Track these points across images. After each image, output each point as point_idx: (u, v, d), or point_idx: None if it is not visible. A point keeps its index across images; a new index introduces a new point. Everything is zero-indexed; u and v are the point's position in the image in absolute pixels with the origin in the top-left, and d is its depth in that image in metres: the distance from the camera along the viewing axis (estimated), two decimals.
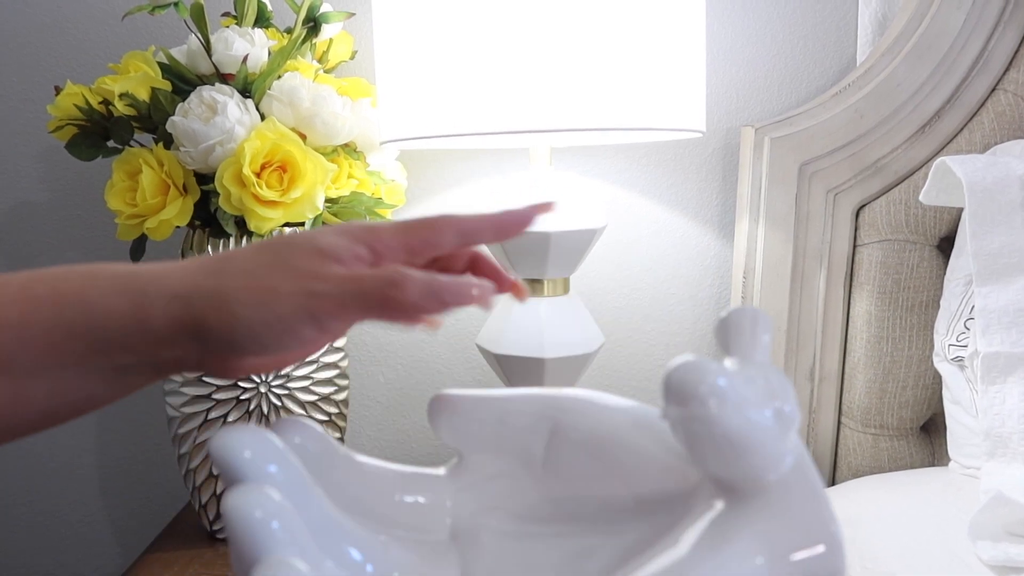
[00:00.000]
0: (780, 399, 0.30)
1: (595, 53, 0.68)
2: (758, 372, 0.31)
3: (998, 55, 0.90)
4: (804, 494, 0.30)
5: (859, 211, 0.95)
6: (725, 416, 0.30)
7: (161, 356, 0.34)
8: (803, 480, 0.31)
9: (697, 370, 0.31)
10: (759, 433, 0.30)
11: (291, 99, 0.78)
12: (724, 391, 0.30)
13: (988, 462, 0.77)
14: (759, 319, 0.33)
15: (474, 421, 0.37)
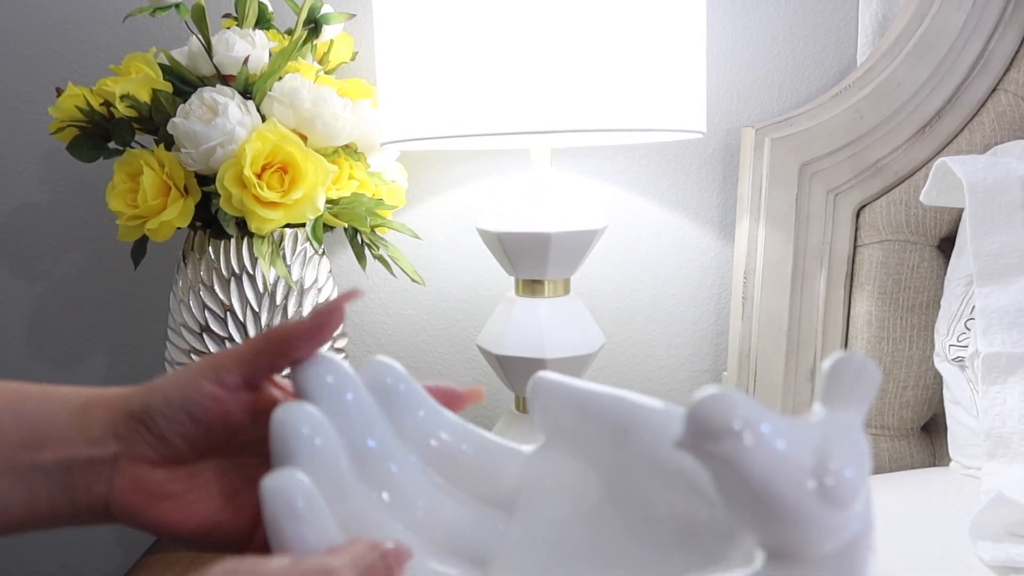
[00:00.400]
0: (833, 459, 0.26)
1: (595, 54, 0.68)
2: (828, 425, 0.27)
3: (998, 55, 0.90)
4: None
5: (859, 211, 0.95)
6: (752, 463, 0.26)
7: (77, 458, 0.33)
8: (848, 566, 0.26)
9: (730, 402, 0.26)
10: (791, 493, 0.25)
11: (292, 100, 0.78)
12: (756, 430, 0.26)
13: (989, 462, 0.77)
14: (868, 373, 0.28)
15: (562, 408, 0.37)
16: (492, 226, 0.81)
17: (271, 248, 0.80)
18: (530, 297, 0.84)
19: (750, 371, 0.99)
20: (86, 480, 0.33)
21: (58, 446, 0.33)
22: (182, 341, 0.82)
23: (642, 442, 0.34)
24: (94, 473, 0.33)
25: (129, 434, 0.33)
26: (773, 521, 0.26)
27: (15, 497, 0.33)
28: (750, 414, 0.26)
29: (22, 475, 0.33)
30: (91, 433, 0.34)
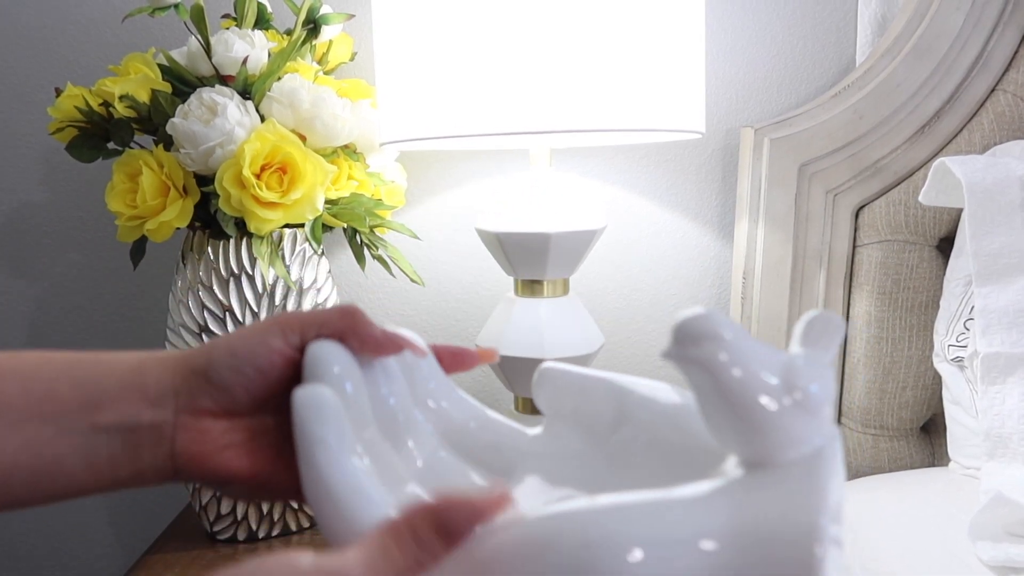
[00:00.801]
0: (802, 377, 0.28)
1: (594, 54, 0.68)
2: (797, 353, 0.30)
3: (998, 56, 0.90)
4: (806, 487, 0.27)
5: (859, 212, 0.95)
6: (727, 366, 0.28)
7: (139, 419, 0.35)
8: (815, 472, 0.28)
9: (710, 316, 0.29)
10: (761, 397, 0.28)
11: (291, 101, 0.78)
12: (732, 341, 0.29)
13: (988, 462, 0.77)
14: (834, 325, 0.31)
15: (564, 392, 0.40)
16: (491, 226, 0.81)
17: (270, 248, 0.80)
18: (529, 297, 0.84)
19: None
20: (150, 439, 0.35)
21: (117, 407, 0.35)
22: (181, 342, 0.82)
23: (640, 421, 0.37)
24: (156, 432, 0.35)
25: (190, 389, 0.35)
26: (744, 424, 0.28)
27: (76, 458, 0.34)
28: (727, 325, 0.29)
29: (82, 436, 0.34)
30: (148, 393, 0.35)
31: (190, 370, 0.36)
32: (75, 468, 0.35)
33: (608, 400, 0.38)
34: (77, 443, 0.34)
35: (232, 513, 0.84)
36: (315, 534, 0.89)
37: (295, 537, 0.87)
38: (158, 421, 0.35)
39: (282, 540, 0.87)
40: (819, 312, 0.32)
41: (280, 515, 0.86)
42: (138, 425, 0.35)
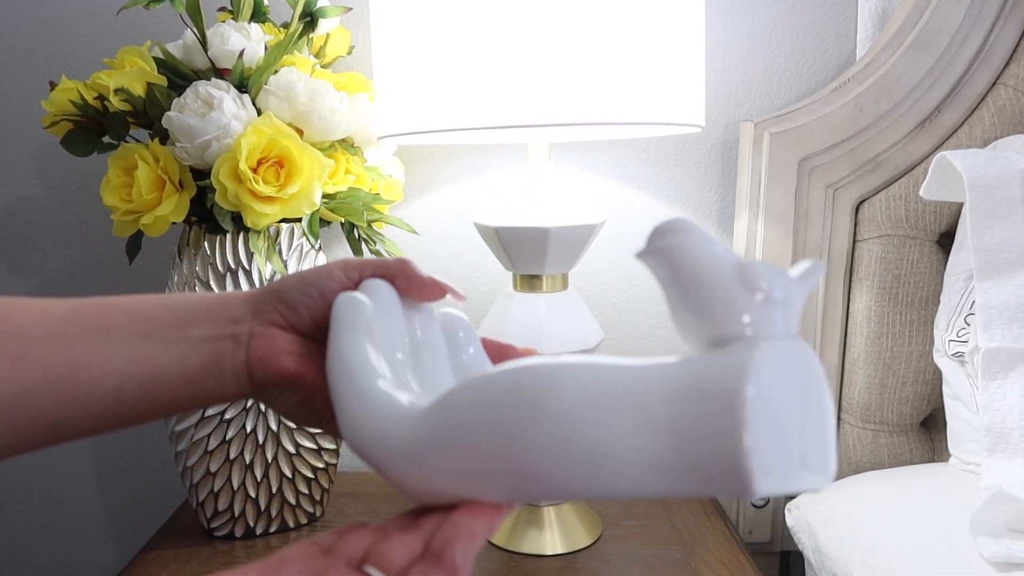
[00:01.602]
0: (759, 276, 0.30)
1: (594, 47, 0.67)
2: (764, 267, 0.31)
3: (998, 50, 0.90)
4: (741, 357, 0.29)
5: (859, 206, 0.95)
6: (689, 251, 0.31)
7: (223, 331, 0.42)
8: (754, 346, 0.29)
9: (678, 219, 0.32)
10: (716, 282, 0.30)
11: (288, 94, 0.78)
12: (695, 231, 0.32)
13: (988, 458, 0.77)
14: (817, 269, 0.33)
15: None
16: (490, 221, 0.81)
17: (267, 243, 0.80)
18: (528, 292, 0.83)
19: None
20: (231, 347, 0.42)
21: (206, 324, 0.42)
22: None
23: None
24: (236, 341, 0.42)
25: (264, 307, 0.43)
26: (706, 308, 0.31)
27: (170, 361, 0.41)
28: (690, 225, 0.32)
29: (179, 347, 0.41)
30: (231, 312, 0.43)
31: (266, 291, 0.43)
32: (173, 377, 0.41)
33: None
34: (175, 353, 0.41)
35: (230, 510, 0.84)
36: (312, 531, 0.88)
37: (292, 534, 0.87)
38: (238, 332, 0.42)
39: (280, 537, 0.86)
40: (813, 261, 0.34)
41: (278, 512, 0.86)
42: (223, 335, 0.42)
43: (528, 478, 0.31)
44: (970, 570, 0.67)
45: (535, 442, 0.30)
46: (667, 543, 0.86)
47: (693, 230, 0.32)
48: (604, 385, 0.30)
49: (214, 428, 0.82)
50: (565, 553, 0.85)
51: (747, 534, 1.02)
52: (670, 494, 0.29)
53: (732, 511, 1.03)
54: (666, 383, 0.30)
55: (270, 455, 0.84)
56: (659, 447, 0.29)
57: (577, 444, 0.29)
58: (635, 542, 0.87)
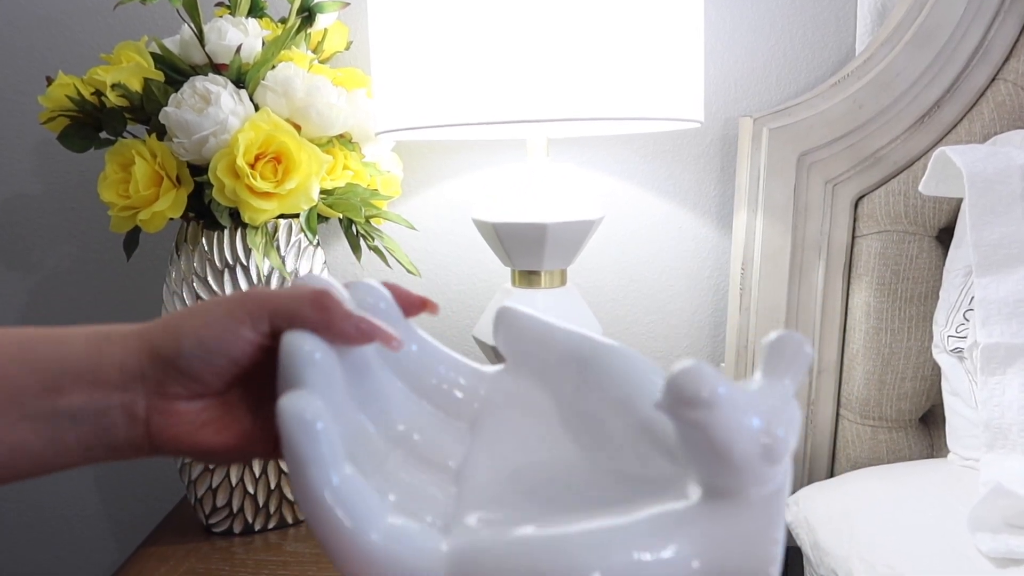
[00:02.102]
0: (777, 425, 0.31)
1: (592, 42, 0.67)
2: (769, 394, 0.33)
3: (998, 45, 0.90)
4: (767, 522, 0.32)
5: (858, 202, 0.95)
6: (718, 427, 0.31)
7: (109, 402, 0.35)
8: (773, 509, 0.32)
9: (703, 376, 0.32)
10: (745, 450, 0.31)
11: (285, 89, 0.78)
12: (723, 402, 0.31)
13: (987, 453, 0.77)
14: (802, 351, 0.33)
15: (524, 338, 0.41)
16: (488, 217, 0.81)
17: (265, 239, 0.79)
18: (527, 288, 0.83)
19: (748, 362, 0.98)
20: (123, 421, 0.35)
21: (82, 390, 0.34)
22: None
23: (599, 374, 0.38)
24: (129, 414, 0.35)
25: (157, 375, 0.35)
26: (725, 470, 0.31)
27: (40, 442, 0.34)
28: (716, 385, 0.31)
29: (45, 421, 0.34)
30: (113, 376, 0.35)
31: (158, 357, 0.35)
32: (43, 452, 0.34)
33: (569, 363, 0.39)
34: (41, 428, 0.34)
35: (228, 506, 0.84)
36: None
37: (292, 530, 0.87)
38: (128, 403, 0.35)
39: (278, 533, 0.86)
40: (790, 334, 0.34)
41: (276, 508, 0.86)
42: (108, 407, 0.34)
43: None
44: (968, 566, 0.67)
45: None
46: None
47: (724, 402, 0.31)
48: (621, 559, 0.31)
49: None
50: None
51: None
52: None
53: None
54: (693, 550, 0.31)
55: None
56: None
57: None
58: None
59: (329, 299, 0.36)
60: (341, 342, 0.36)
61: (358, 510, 0.31)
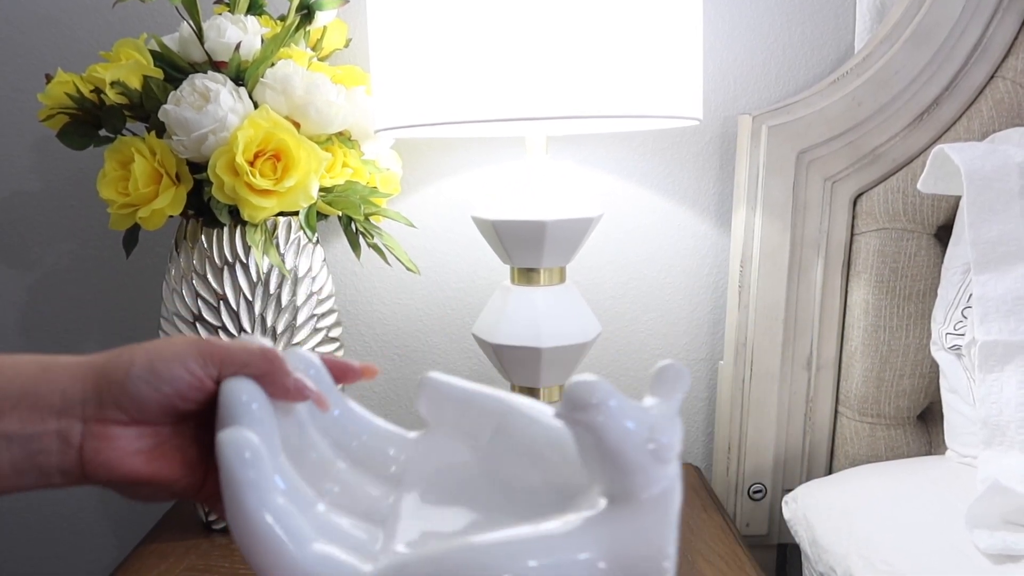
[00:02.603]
0: (661, 433, 0.36)
1: (591, 40, 0.67)
2: (655, 409, 0.37)
3: (997, 42, 0.90)
4: (660, 519, 0.36)
5: (857, 199, 0.95)
6: (607, 429, 0.35)
7: (44, 427, 0.36)
8: (664, 507, 0.36)
9: (595, 386, 0.36)
10: (632, 455, 0.35)
11: (285, 87, 0.78)
12: (611, 408, 0.35)
13: (985, 451, 0.77)
14: (682, 376, 0.38)
15: (446, 402, 0.45)
16: (487, 214, 0.81)
17: (264, 236, 0.79)
18: (526, 286, 0.83)
19: (746, 360, 0.98)
20: (56, 446, 0.36)
21: (20, 415, 0.35)
22: (175, 330, 0.81)
23: (514, 431, 0.43)
24: (63, 440, 0.36)
25: (100, 398, 0.36)
26: (617, 471, 0.35)
27: None
28: (606, 394, 0.35)
29: None
30: (53, 401, 0.36)
31: (105, 379, 0.36)
32: None
33: (489, 417, 0.43)
34: None
35: None
36: None
37: None
38: (64, 429, 0.36)
39: None
40: (671, 363, 0.39)
41: None
42: (43, 432, 0.36)
43: None
44: (966, 562, 0.67)
45: None
46: None
47: (613, 409, 0.35)
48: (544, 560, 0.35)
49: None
50: None
51: (744, 527, 1.03)
52: None
53: (729, 504, 1.03)
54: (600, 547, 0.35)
55: None
56: None
57: None
58: None
59: (275, 355, 0.39)
60: (280, 395, 0.39)
61: (293, 531, 0.34)
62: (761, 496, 1.02)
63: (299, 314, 0.83)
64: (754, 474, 1.01)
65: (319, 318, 0.85)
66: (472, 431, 0.44)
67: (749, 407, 0.99)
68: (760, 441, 1.00)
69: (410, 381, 1.10)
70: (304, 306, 0.83)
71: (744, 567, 0.80)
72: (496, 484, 0.42)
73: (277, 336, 0.81)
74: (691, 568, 0.79)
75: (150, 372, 0.37)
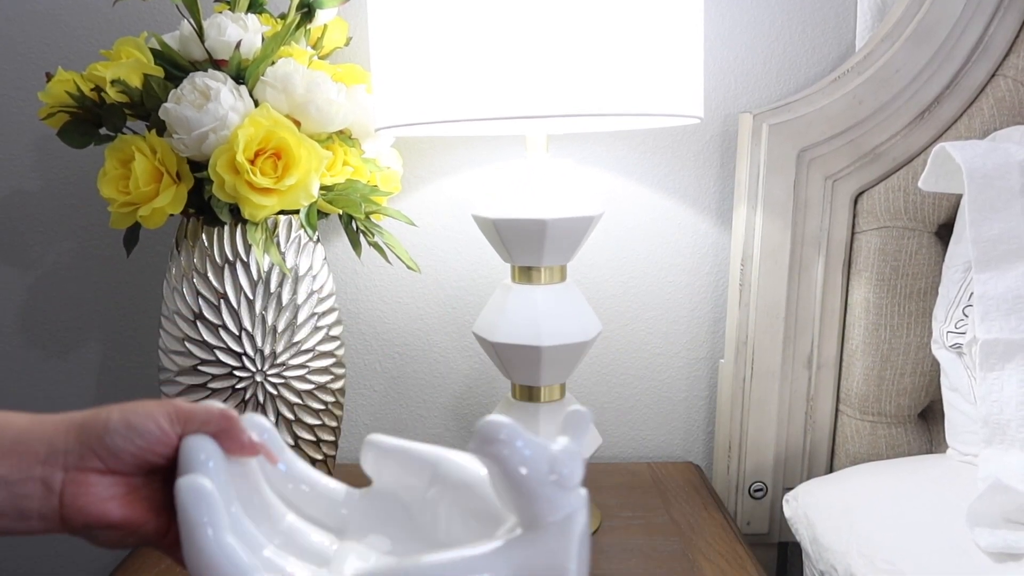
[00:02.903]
0: (563, 465, 0.41)
1: (592, 38, 0.67)
2: (559, 445, 0.42)
3: (998, 41, 0.90)
4: (562, 541, 0.41)
5: (857, 198, 0.95)
6: (512, 462, 0.40)
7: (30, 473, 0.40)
8: (568, 530, 0.41)
9: (503, 424, 0.41)
10: (535, 484, 0.40)
11: (285, 85, 0.78)
12: (516, 445, 0.40)
13: (986, 449, 0.77)
14: (586, 421, 0.44)
15: (387, 458, 0.50)
16: (488, 212, 0.81)
17: (265, 235, 0.79)
18: (526, 284, 0.83)
19: (747, 358, 0.98)
20: (39, 491, 0.40)
21: (10, 461, 0.40)
22: (176, 329, 0.81)
23: (448, 476, 0.48)
24: (46, 488, 0.40)
25: (81, 449, 0.41)
26: (523, 499, 0.41)
27: None
28: (513, 433, 0.41)
29: None
30: (38, 451, 0.41)
31: (85, 432, 0.41)
32: None
33: (424, 470, 0.49)
34: None
35: None
36: None
37: None
38: (47, 476, 0.40)
39: None
40: (575, 409, 0.44)
41: None
42: (28, 478, 0.40)
43: None
44: (967, 561, 0.67)
45: None
46: (665, 534, 0.87)
47: (516, 443, 0.40)
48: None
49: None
50: None
51: (745, 525, 1.03)
52: None
53: (730, 503, 1.03)
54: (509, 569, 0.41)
55: None
56: None
57: None
58: (633, 533, 0.87)
59: (233, 415, 0.45)
60: (236, 450, 0.45)
61: (242, 566, 0.39)
62: (762, 495, 1.02)
63: (300, 312, 0.83)
64: (755, 473, 1.01)
65: (320, 316, 0.85)
66: (412, 481, 0.49)
67: (750, 406, 0.99)
68: (761, 440, 1.00)
69: (410, 379, 1.10)
70: (305, 304, 0.83)
71: (745, 566, 0.80)
72: (430, 530, 0.48)
73: (278, 334, 0.81)
74: (692, 567, 0.80)
75: (126, 426, 0.42)
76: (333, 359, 0.86)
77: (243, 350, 0.81)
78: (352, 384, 1.10)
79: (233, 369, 0.81)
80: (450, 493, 0.48)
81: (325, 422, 0.87)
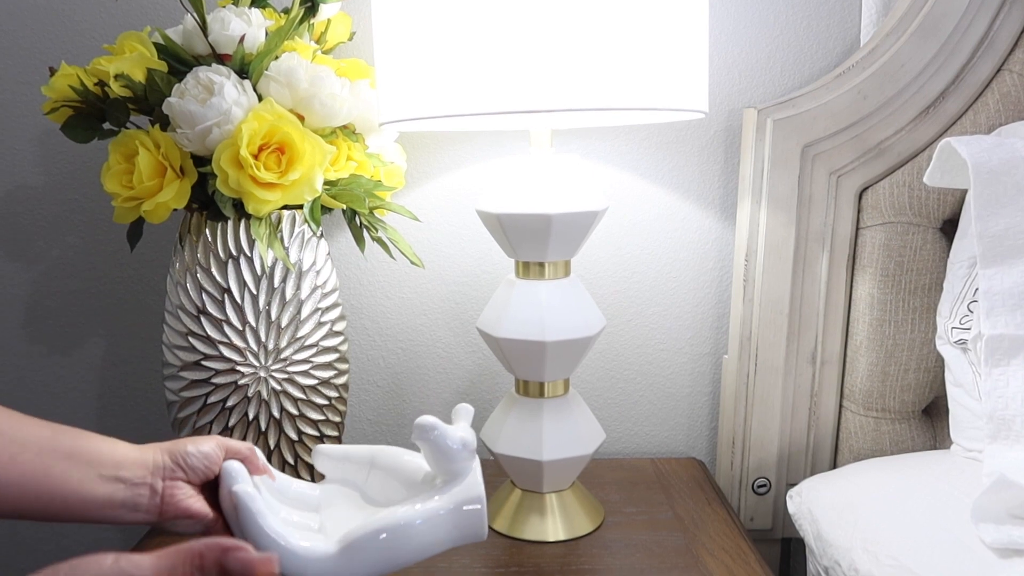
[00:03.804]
0: (467, 440, 0.63)
1: (596, 32, 0.67)
2: (461, 429, 0.63)
3: (1003, 36, 0.89)
4: (472, 481, 0.62)
5: (862, 193, 0.94)
6: (441, 441, 0.62)
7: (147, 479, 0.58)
8: (475, 474, 0.63)
9: (433, 421, 0.62)
10: (454, 452, 0.62)
11: (289, 80, 0.77)
12: (442, 431, 0.62)
13: (991, 445, 0.77)
14: (468, 411, 0.68)
15: (332, 460, 0.69)
16: (492, 208, 0.81)
17: (268, 230, 0.79)
18: (530, 279, 0.83)
19: (751, 354, 0.98)
20: (149, 493, 0.58)
21: (134, 470, 0.58)
22: (179, 324, 0.81)
23: (382, 465, 0.68)
24: (153, 491, 0.58)
25: (172, 465, 0.59)
26: (449, 463, 0.62)
27: (103, 491, 0.56)
28: (439, 425, 0.62)
29: (110, 483, 0.57)
30: (147, 464, 0.59)
31: (172, 455, 0.60)
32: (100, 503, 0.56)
33: (363, 460, 0.69)
34: (108, 488, 0.56)
35: None
36: None
37: None
38: (154, 482, 0.58)
39: None
40: (461, 405, 0.68)
41: None
42: (143, 482, 0.58)
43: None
44: (972, 557, 0.67)
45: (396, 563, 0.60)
46: (669, 530, 0.87)
47: (443, 432, 0.62)
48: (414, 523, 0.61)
49: (216, 415, 0.82)
50: (567, 540, 0.85)
51: (748, 521, 1.03)
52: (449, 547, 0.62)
53: (733, 498, 1.03)
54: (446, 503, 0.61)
55: (272, 442, 0.84)
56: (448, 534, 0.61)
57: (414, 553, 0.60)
58: (637, 529, 0.87)
59: (255, 449, 0.65)
60: (255, 470, 0.64)
61: (287, 536, 0.58)
62: (765, 490, 1.02)
63: (303, 308, 0.83)
64: (758, 468, 1.01)
65: (323, 312, 0.85)
66: (355, 473, 0.69)
67: (753, 401, 0.99)
68: (764, 435, 1.00)
69: (414, 375, 1.10)
70: (308, 300, 0.83)
71: (749, 561, 0.80)
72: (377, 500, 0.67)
73: (282, 330, 0.81)
74: (695, 562, 0.79)
75: (197, 452, 0.60)
76: (337, 354, 0.86)
77: (247, 345, 0.81)
78: (356, 379, 1.10)
79: (237, 364, 0.81)
80: (383, 473, 0.68)
81: (329, 417, 0.87)
